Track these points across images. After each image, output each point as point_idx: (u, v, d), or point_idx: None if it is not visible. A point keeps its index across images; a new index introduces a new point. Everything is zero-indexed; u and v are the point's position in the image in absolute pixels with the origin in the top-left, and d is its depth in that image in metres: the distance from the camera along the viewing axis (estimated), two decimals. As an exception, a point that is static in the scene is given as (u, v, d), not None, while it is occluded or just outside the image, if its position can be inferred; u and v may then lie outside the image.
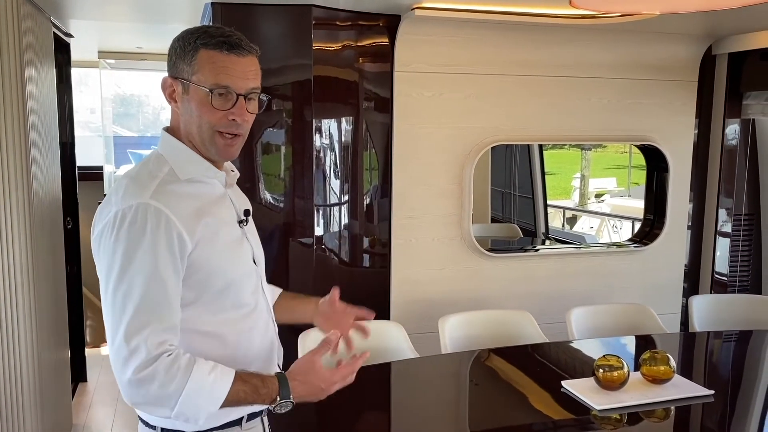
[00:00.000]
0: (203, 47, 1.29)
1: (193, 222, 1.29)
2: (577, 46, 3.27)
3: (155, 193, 1.26)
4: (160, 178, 1.30)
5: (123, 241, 1.23)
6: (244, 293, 1.40)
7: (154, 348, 1.21)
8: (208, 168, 1.38)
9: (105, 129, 5.51)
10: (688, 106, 3.56)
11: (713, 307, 3.11)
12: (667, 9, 2.01)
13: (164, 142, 1.38)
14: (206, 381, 1.24)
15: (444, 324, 2.68)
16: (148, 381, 1.21)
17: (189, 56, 1.30)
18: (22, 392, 2.60)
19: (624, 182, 5.10)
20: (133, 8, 3.17)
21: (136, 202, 1.24)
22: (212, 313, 1.34)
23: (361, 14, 2.99)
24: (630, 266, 3.59)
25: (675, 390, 2.10)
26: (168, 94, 1.35)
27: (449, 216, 3.23)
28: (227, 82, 1.30)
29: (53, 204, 3.06)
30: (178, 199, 1.29)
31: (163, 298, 1.24)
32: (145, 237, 1.23)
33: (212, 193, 1.39)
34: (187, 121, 1.34)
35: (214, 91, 1.29)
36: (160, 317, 1.24)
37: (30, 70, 2.63)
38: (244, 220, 1.45)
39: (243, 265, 1.41)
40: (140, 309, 1.22)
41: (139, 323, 1.21)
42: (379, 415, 2.19)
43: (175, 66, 1.33)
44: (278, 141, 2.97)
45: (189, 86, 1.31)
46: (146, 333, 1.21)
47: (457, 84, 3.15)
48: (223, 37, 1.30)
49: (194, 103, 1.32)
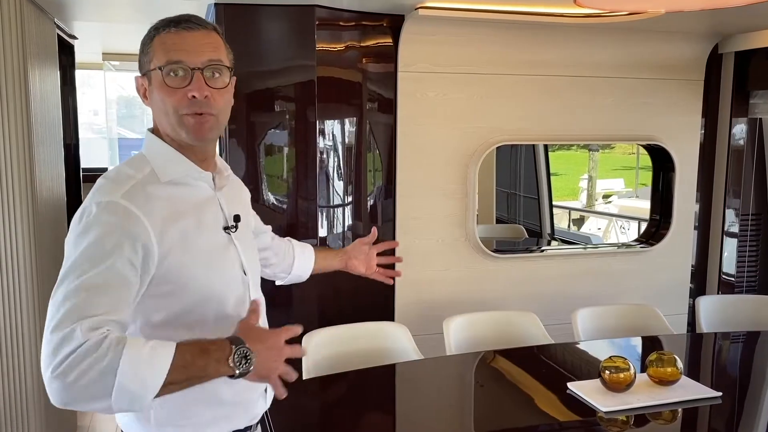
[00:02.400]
0: (156, 34, 1.27)
1: (166, 225, 1.21)
2: (582, 45, 3.25)
3: (127, 194, 1.20)
4: (137, 179, 1.24)
5: (81, 232, 1.16)
6: (227, 306, 1.32)
7: (87, 332, 1.06)
8: (191, 167, 1.30)
9: (110, 131, 5.52)
10: (694, 105, 3.54)
11: (720, 308, 3.09)
12: (673, 7, 1.99)
13: (147, 142, 1.33)
14: (144, 350, 1.08)
15: (449, 325, 2.66)
16: (76, 363, 1.04)
17: (147, 48, 1.28)
18: (26, 394, 2.60)
19: (632, 183, 5.08)
20: (136, 10, 3.17)
21: (106, 199, 1.19)
22: (190, 328, 1.24)
23: (364, 14, 2.98)
24: (636, 267, 3.56)
25: (682, 392, 2.08)
26: (142, 93, 1.32)
27: (454, 217, 3.22)
28: (178, 57, 1.24)
29: (57, 205, 3.06)
30: (152, 200, 1.22)
31: (111, 289, 1.13)
32: (104, 228, 1.16)
33: (196, 196, 1.31)
34: (157, 114, 1.29)
35: (164, 68, 1.24)
36: (104, 308, 1.11)
37: (34, 71, 2.63)
38: (233, 226, 1.36)
39: (226, 275, 1.33)
40: (81, 297, 1.10)
41: (78, 311, 1.08)
42: (384, 417, 2.17)
43: (140, 64, 1.30)
44: (281, 142, 2.96)
45: (150, 75, 1.27)
46: (84, 322, 1.07)
47: (462, 84, 3.14)
48: (172, 19, 1.27)
49: (156, 90, 1.27)
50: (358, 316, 2.78)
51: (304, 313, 3.01)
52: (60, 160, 3.17)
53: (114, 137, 5.57)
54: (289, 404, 1.45)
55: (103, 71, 5.04)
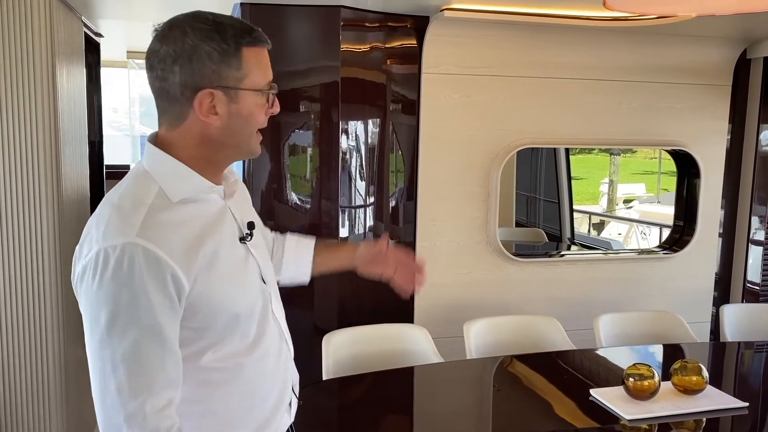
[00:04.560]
0: (242, 46, 1.15)
1: (190, 256, 1.11)
2: (608, 48, 3.22)
3: (143, 229, 1.08)
4: (147, 205, 1.11)
5: (108, 288, 1.05)
6: (252, 322, 1.25)
7: (153, 416, 1.06)
8: (202, 183, 1.19)
9: (133, 128, 5.56)
10: (721, 110, 3.49)
11: (745, 317, 3.04)
12: (704, 11, 1.97)
13: (151, 157, 1.18)
14: None
15: (469, 329, 2.65)
16: None
17: (234, 60, 1.14)
18: (48, 389, 2.63)
19: (653, 188, 5.02)
20: (161, 8, 3.19)
21: (121, 241, 1.06)
22: (216, 350, 1.19)
23: (389, 15, 2.98)
24: (659, 273, 3.52)
25: (707, 401, 2.05)
26: (205, 110, 1.15)
27: (475, 219, 3.20)
28: (271, 77, 1.20)
29: (81, 202, 3.09)
30: (170, 231, 1.11)
31: (160, 350, 1.07)
32: (133, 283, 1.05)
33: (211, 212, 1.20)
34: (225, 132, 1.17)
35: (266, 91, 1.19)
36: (158, 374, 1.07)
37: (62, 69, 2.65)
38: (248, 234, 1.28)
39: (249, 290, 1.25)
40: (135, 367, 1.06)
41: (135, 384, 1.05)
42: (402, 419, 2.17)
43: (216, 74, 1.13)
44: (305, 142, 2.97)
45: (238, 93, 1.15)
46: (143, 396, 1.05)
47: (485, 86, 3.12)
48: (254, 31, 1.18)
49: (246, 109, 1.17)
50: (378, 317, 2.78)
51: (323, 314, 3.01)
52: (85, 157, 3.20)
53: (137, 135, 5.62)
54: (308, 405, 1.45)
55: (127, 69, 5.08)
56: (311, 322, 3.00)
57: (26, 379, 2.60)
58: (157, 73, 1.15)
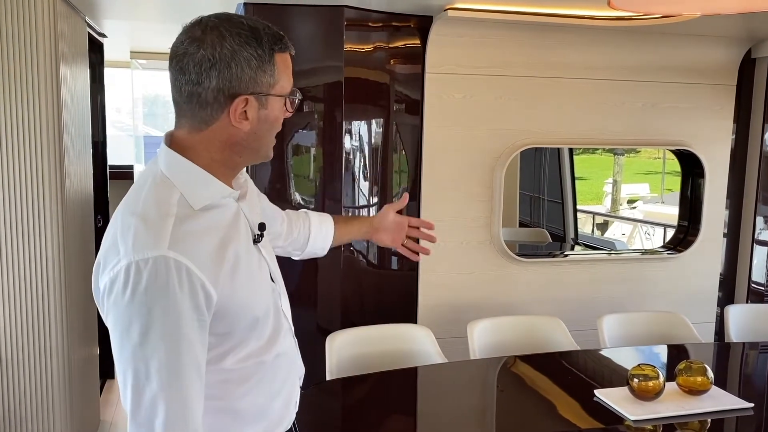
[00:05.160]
0: (275, 51, 1.15)
1: (216, 265, 1.11)
2: (612, 48, 3.22)
3: (173, 241, 1.06)
4: (173, 215, 1.09)
5: (141, 302, 1.04)
6: (268, 322, 1.26)
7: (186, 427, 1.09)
8: (222, 188, 1.18)
9: (136, 129, 5.57)
10: (725, 110, 3.48)
11: (750, 317, 3.03)
12: (710, 10, 1.96)
13: (170, 161, 1.16)
14: None
15: (473, 329, 2.65)
16: None
17: (269, 66, 1.14)
18: (52, 388, 2.63)
19: (657, 188, 5.01)
20: (164, 8, 3.19)
21: (153, 254, 1.04)
22: (236, 352, 1.20)
23: (392, 15, 2.97)
24: (663, 273, 3.51)
25: (712, 402, 2.05)
26: (238, 115, 1.14)
27: (478, 220, 3.20)
28: (292, 82, 1.21)
29: (85, 202, 3.09)
30: (197, 241, 1.10)
31: (191, 362, 1.08)
32: (168, 298, 1.05)
33: (228, 216, 1.20)
34: (251, 136, 1.17)
35: (290, 97, 1.20)
36: (188, 387, 1.08)
37: (65, 69, 2.66)
38: (259, 235, 1.28)
39: (264, 291, 1.26)
40: (167, 378, 1.06)
41: (169, 397, 1.06)
42: (405, 420, 2.17)
43: (253, 80, 1.13)
44: (308, 143, 2.97)
45: (268, 99, 1.15)
46: (177, 406, 1.07)
47: (489, 86, 3.12)
48: (284, 37, 1.18)
49: (273, 114, 1.17)
50: (381, 316, 2.77)
51: (326, 314, 3.01)
52: (88, 157, 3.21)
53: (140, 135, 5.62)
54: (311, 405, 1.45)
55: (130, 70, 5.08)
56: (314, 323, 3.00)
57: (30, 379, 2.61)
58: (189, 77, 1.12)
